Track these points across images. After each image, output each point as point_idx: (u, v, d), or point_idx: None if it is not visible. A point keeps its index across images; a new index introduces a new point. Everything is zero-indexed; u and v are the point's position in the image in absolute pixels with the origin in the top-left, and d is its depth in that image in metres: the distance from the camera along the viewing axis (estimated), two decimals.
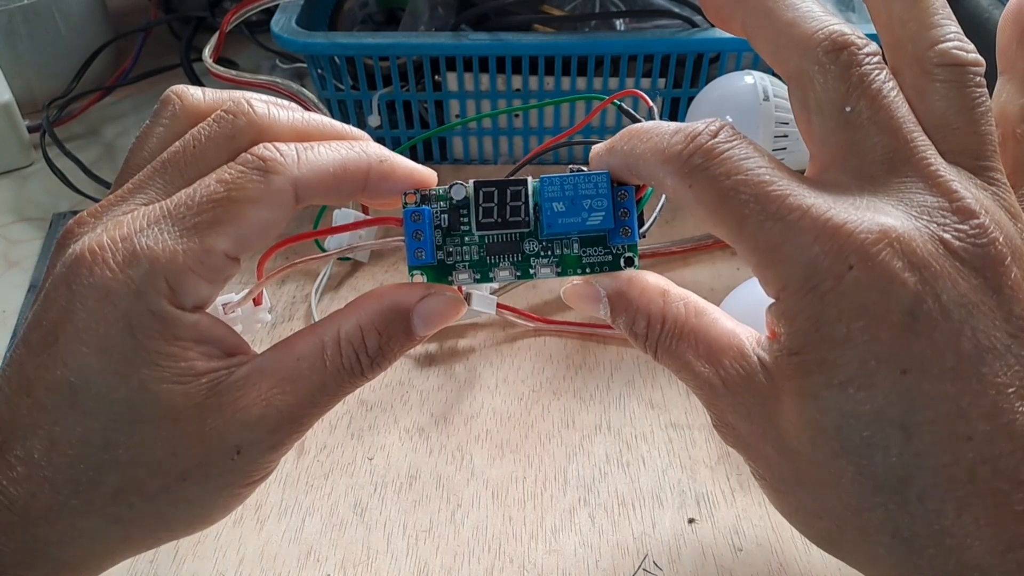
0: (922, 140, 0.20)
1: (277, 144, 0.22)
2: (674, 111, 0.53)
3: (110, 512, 0.22)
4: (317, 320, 0.43)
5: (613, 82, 0.50)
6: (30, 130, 0.57)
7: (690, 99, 0.50)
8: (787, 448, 0.20)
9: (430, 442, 0.38)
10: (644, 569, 0.32)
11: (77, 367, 0.21)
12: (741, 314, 0.22)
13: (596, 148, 0.24)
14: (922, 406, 0.18)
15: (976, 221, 0.19)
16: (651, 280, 0.24)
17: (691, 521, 0.34)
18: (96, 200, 0.52)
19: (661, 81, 0.51)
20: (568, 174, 0.23)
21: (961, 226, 0.19)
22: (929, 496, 0.18)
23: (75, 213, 0.53)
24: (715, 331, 0.22)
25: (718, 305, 0.37)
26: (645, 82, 0.51)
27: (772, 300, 0.20)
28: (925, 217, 0.19)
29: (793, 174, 0.20)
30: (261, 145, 0.22)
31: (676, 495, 0.35)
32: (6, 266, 0.49)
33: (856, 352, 0.18)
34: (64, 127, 0.59)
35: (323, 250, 0.45)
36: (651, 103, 0.27)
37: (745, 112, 0.44)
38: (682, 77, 0.51)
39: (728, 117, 0.45)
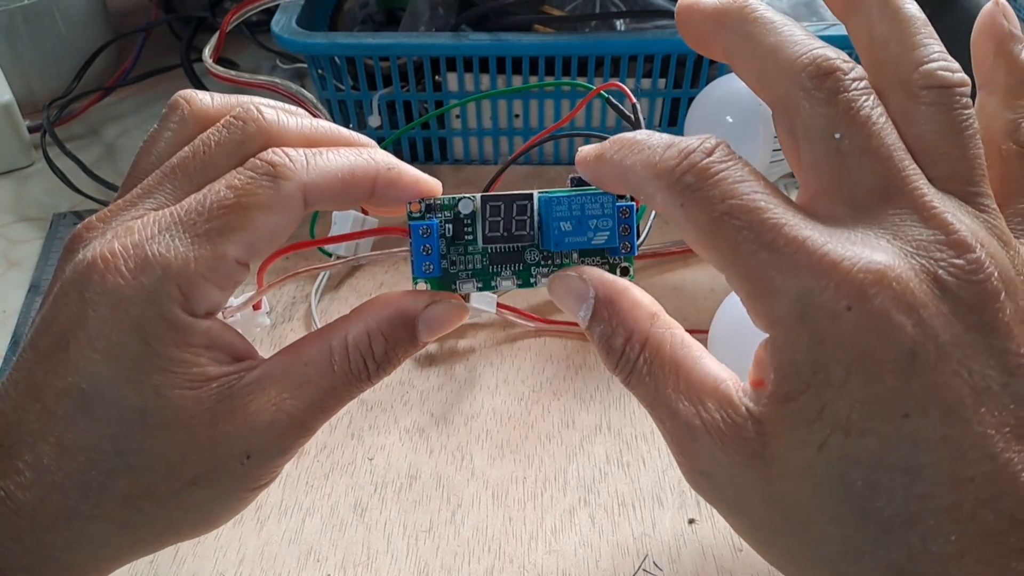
0: (913, 169, 0.19)
1: (286, 150, 0.22)
2: (674, 111, 0.53)
3: (119, 517, 0.22)
4: (317, 320, 0.43)
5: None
6: (30, 130, 0.57)
7: (690, 99, 0.50)
8: (777, 499, 0.20)
9: (430, 442, 0.38)
10: (644, 569, 0.32)
11: (89, 374, 0.21)
12: (741, 316, 0.22)
13: (584, 152, 0.23)
14: (924, 449, 0.18)
15: (972, 256, 0.18)
16: (646, 299, 0.23)
17: (691, 521, 0.34)
18: (96, 200, 0.52)
19: (661, 81, 0.51)
20: (575, 194, 0.23)
21: (957, 261, 0.18)
22: (932, 538, 0.18)
23: (76, 213, 0.53)
24: (699, 369, 0.21)
25: (718, 307, 0.37)
26: (645, 82, 0.51)
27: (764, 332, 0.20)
28: (921, 253, 0.18)
29: (788, 202, 0.20)
30: (270, 150, 0.22)
31: (676, 495, 0.35)
32: (6, 266, 0.49)
33: (857, 396, 0.18)
34: (64, 127, 0.59)
35: (328, 256, 0.45)
36: (633, 97, 0.27)
37: (744, 113, 0.44)
38: (682, 77, 0.51)
39: (728, 118, 0.45)
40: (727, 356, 0.23)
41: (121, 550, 0.23)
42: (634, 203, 0.24)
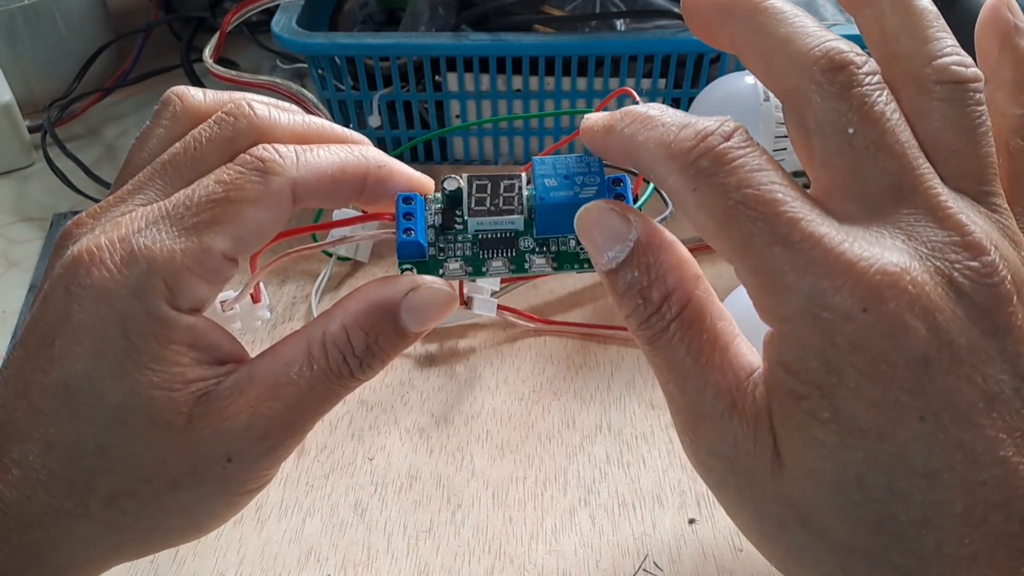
0: (927, 168, 0.19)
1: (276, 146, 0.22)
2: None
3: (104, 517, 0.22)
4: None
5: (613, 82, 0.50)
6: (31, 130, 0.57)
7: (690, 99, 0.50)
8: (788, 495, 0.19)
9: (430, 442, 0.38)
10: (644, 569, 0.32)
11: (73, 369, 0.21)
12: (742, 317, 0.22)
13: (591, 121, 0.22)
14: (940, 453, 0.18)
15: (987, 258, 0.18)
16: (692, 259, 0.21)
17: (691, 521, 0.34)
18: (97, 200, 0.52)
19: (661, 81, 0.51)
20: (560, 155, 0.23)
21: (972, 263, 0.18)
22: (946, 542, 0.18)
23: (76, 214, 0.53)
24: (735, 347, 0.20)
25: None
26: (645, 82, 0.51)
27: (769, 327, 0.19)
28: (936, 255, 0.18)
29: (805, 195, 0.19)
30: (260, 146, 0.22)
31: (676, 495, 0.35)
32: (6, 266, 0.49)
33: (874, 399, 0.18)
34: (65, 127, 0.59)
35: (315, 240, 0.45)
36: (638, 99, 0.27)
37: (745, 113, 0.44)
38: (682, 77, 0.51)
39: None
40: None
41: (107, 551, 0.23)
42: (627, 176, 0.23)
